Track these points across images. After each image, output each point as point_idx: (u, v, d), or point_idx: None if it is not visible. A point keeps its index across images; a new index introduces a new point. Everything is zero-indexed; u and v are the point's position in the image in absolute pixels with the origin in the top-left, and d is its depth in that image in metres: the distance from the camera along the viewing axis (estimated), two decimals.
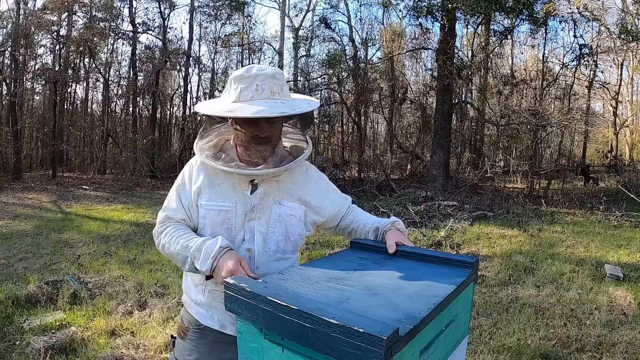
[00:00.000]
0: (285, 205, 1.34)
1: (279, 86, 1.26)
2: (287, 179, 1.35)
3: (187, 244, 1.24)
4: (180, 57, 15.75)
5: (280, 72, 1.29)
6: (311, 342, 0.81)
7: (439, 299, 0.95)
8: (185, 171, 1.38)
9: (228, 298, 0.98)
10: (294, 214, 1.35)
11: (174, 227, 1.32)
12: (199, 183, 1.33)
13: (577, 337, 3.02)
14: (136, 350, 2.79)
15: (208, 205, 1.31)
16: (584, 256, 5.11)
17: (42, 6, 13.98)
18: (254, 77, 1.24)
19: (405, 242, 1.33)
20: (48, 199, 9.55)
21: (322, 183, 1.46)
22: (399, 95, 13.71)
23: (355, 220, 1.49)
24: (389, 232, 1.38)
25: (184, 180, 1.37)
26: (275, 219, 1.33)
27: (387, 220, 1.44)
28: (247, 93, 1.23)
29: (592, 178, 10.91)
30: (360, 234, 1.47)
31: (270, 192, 1.33)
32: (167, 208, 1.37)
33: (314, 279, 1.06)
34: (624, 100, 16.02)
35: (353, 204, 1.55)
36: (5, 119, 14.00)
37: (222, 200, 1.31)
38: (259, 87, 1.23)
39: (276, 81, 1.26)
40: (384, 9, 14.55)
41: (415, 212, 7.46)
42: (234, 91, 1.25)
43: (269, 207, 1.32)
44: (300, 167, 1.39)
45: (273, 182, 1.33)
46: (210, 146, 1.36)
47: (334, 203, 1.46)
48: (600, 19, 10.20)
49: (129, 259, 4.94)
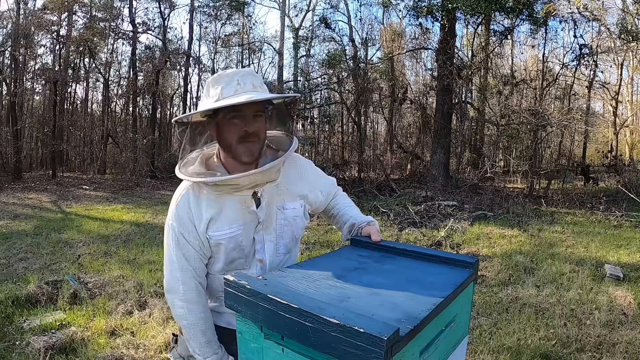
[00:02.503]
0: (288, 208, 1.35)
1: (260, 81, 1.25)
2: (283, 179, 1.34)
3: (203, 351, 1.27)
4: (180, 57, 15.75)
5: (256, 72, 1.31)
6: (311, 341, 0.81)
7: (439, 299, 0.95)
8: (180, 211, 1.26)
9: (228, 295, 0.98)
10: (297, 214, 1.37)
11: (195, 298, 1.27)
12: (205, 216, 1.25)
13: (577, 337, 3.02)
14: (136, 350, 2.79)
15: (217, 236, 1.25)
16: (584, 256, 5.11)
17: (42, 6, 13.97)
18: (233, 74, 1.21)
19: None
20: (48, 199, 9.55)
21: (312, 172, 1.47)
22: (399, 95, 13.71)
23: (337, 206, 1.54)
24: (366, 228, 1.41)
25: (183, 222, 1.26)
26: (282, 224, 1.34)
27: (364, 218, 1.47)
28: (229, 89, 1.20)
29: (592, 178, 10.90)
30: (338, 223, 1.52)
31: (273, 199, 1.31)
32: (171, 283, 1.28)
33: (314, 277, 1.06)
34: (624, 100, 16.01)
35: (338, 187, 1.58)
36: (5, 119, 14.00)
37: (228, 226, 1.26)
38: (240, 82, 1.20)
39: (256, 77, 1.25)
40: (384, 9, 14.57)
41: (415, 212, 7.46)
42: (215, 91, 1.21)
43: (274, 215, 1.32)
44: (290, 161, 1.37)
45: (272, 188, 1.31)
46: (199, 167, 1.29)
47: (323, 190, 1.49)
48: (600, 19, 10.20)
49: (129, 259, 4.94)
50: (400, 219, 7.14)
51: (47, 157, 14.60)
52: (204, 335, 1.27)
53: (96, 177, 13.59)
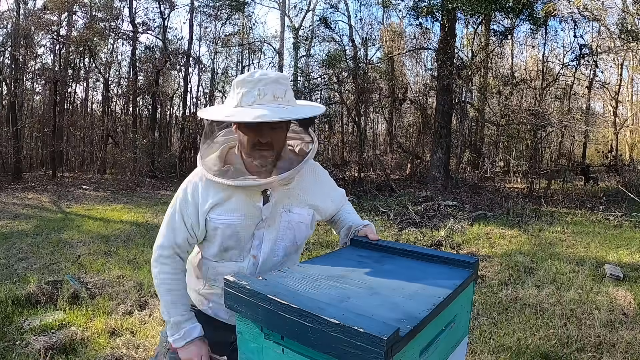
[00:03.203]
0: (295, 212, 1.35)
1: (282, 91, 1.22)
2: (296, 185, 1.34)
3: (169, 310, 1.33)
4: (180, 57, 15.73)
5: (285, 77, 1.25)
6: (311, 341, 0.81)
7: (439, 299, 0.95)
8: (189, 189, 1.32)
9: (228, 295, 0.98)
10: (303, 220, 1.36)
11: (172, 273, 1.36)
12: (210, 200, 1.29)
13: (577, 337, 3.02)
14: (136, 350, 2.80)
15: (217, 220, 1.29)
16: (584, 256, 5.11)
17: (42, 6, 13.96)
18: (257, 81, 1.20)
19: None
20: (48, 199, 9.55)
21: (327, 182, 1.49)
22: (399, 95, 13.71)
23: (340, 212, 1.55)
24: (362, 229, 1.43)
25: (187, 199, 1.32)
26: (285, 226, 1.34)
27: (361, 221, 1.49)
28: (248, 98, 1.20)
29: (592, 178, 10.91)
30: (338, 228, 1.54)
31: (281, 200, 1.32)
32: (169, 237, 1.34)
33: (314, 277, 1.06)
34: (624, 100, 16.00)
35: (346, 198, 1.61)
36: (5, 119, 13.99)
37: (231, 214, 1.29)
38: (261, 92, 1.19)
39: (279, 86, 1.22)
40: (384, 9, 14.55)
41: (415, 212, 7.46)
42: (236, 95, 1.22)
43: (278, 215, 1.33)
44: (308, 168, 1.37)
45: (284, 190, 1.32)
46: (215, 160, 1.32)
47: (334, 201, 1.50)
48: (600, 19, 10.20)
49: (129, 259, 4.94)
50: (400, 219, 7.14)
51: (47, 157, 14.59)
52: (169, 294, 1.33)
53: (96, 177, 13.59)
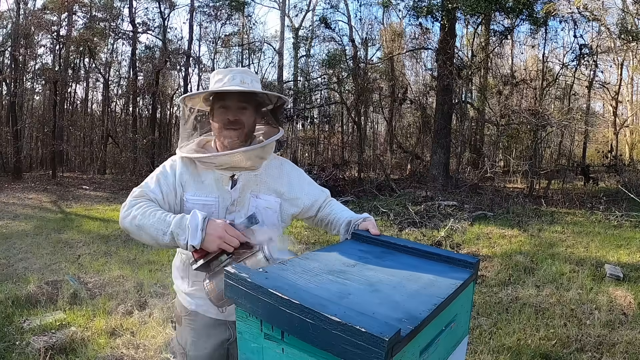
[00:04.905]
0: (262, 198, 1.45)
1: (250, 79, 1.42)
2: (264, 172, 1.47)
3: (165, 218, 1.24)
4: (180, 57, 15.73)
5: (253, 72, 1.49)
6: (311, 338, 0.80)
7: (440, 299, 0.95)
8: (167, 164, 1.46)
9: (228, 286, 0.97)
10: (270, 206, 1.46)
11: (148, 204, 1.32)
12: (184, 177, 1.42)
13: (577, 337, 3.02)
14: (136, 350, 2.79)
15: (193, 200, 1.40)
16: (584, 256, 5.11)
17: (42, 6, 13.98)
18: (229, 70, 1.43)
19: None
20: (48, 199, 9.55)
21: (296, 176, 1.55)
22: (399, 95, 13.71)
23: (332, 213, 1.55)
24: (363, 223, 1.43)
25: (166, 170, 1.44)
26: (253, 211, 1.41)
27: (360, 215, 1.49)
28: (220, 82, 1.41)
29: (592, 178, 10.91)
30: (335, 227, 1.52)
31: (249, 186, 1.44)
32: (146, 186, 1.40)
33: (315, 271, 1.06)
34: (624, 100, 16.00)
35: (332, 198, 1.63)
36: (5, 119, 14.00)
37: (205, 195, 1.40)
38: (232, 77, 1.40)
39: (247, 75, 1.43)
40: (384, 9, 14.54)
41: (415, 212, 7.45)
42: (211, 82, 1.45)
43: (247, 200, 1.43)
44: (275, 160, 1.53)
45: (251, 176, 1.44)
46: (193, 146, 1.47)
47: (308, 195, 1.54)
48: (600, 19, 10.20)
49: (129, 259, 4.94)
50: (400, 219, 7.14)
51: (47, 157, 14.58)
52: (155, 214, 1.26)
53: (96, 177, 13.59)
